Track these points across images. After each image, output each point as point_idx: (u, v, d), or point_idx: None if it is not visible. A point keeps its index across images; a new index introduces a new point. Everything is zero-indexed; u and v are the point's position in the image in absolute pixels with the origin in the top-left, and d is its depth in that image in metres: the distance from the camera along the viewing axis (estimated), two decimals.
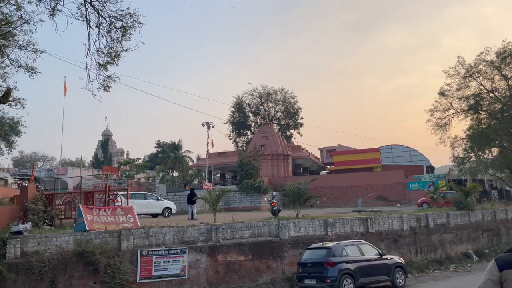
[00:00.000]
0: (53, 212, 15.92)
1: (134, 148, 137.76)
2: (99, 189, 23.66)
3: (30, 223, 14.22)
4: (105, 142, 70.69)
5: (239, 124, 58.50)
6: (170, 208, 23.79)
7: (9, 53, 11.83)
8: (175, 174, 64.71)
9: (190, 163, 61.25)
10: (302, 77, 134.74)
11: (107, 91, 11.81)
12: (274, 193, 28.44)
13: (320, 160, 60.25)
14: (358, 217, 17.87)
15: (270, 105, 60.25)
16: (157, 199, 24.02)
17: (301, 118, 58.86)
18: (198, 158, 61.82)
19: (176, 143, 62.22)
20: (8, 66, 12.03)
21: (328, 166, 58.47)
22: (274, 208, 20.66)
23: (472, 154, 36.27)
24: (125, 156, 73.73)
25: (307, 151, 54.36)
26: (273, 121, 58.91)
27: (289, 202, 19.89)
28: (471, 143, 35.19)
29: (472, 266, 18.74)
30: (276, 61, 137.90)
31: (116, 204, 15.99)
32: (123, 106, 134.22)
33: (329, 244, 13.80)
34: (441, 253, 19.56)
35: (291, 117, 58.90)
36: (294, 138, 59.64)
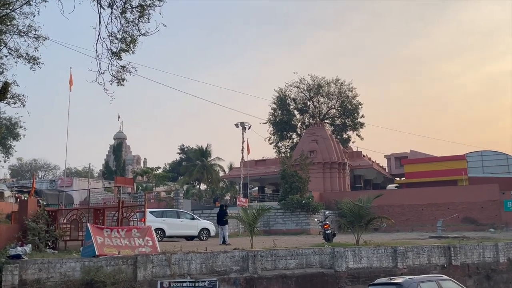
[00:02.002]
0: (57, 233, 16.55)
1: (152, 154, 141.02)
2: (111, 204, 24.42)
3: (30, 245, 14.85)
4: (118, 147, 72.79)
5: (281, 124, 58.53)
6: (208, 230, 24.57)
7: (7, 41, 12.45)
8: (203, 186, 65.66)
9: (221, 174, 61.96)
10: (362, 65, 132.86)
11: (121, 84, 12.14)
12: (327, 212, 28.15)
13: (386, 170, 59.15)
14: (437, 245, 17.44)
15: (322, 100, 59.92)
16: (193, 218, 24.93)
17: (362, 116, 58.14)
18: (231, 167, 62.37)
19: (204, 149, 63.15)
20: (6, 56, 12.69)
21: (398, 179, 57.33)
22: (327, 232, 20.48)
23: None
24: (141, 164, 75.70)
25: (369, 158, 53.49)
26: (326, 121, 58.49)
27: (347, 225, 19.63)
28: None
29: None
30: (329, 45, 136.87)
31: (133, 223, 16.39)
32: (139, 103, 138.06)
33: (399, 280, 13.45)
34: None
35: (348, 115, 58.25)
36: (353, 142, 58.97)
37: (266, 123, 59.32)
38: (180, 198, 33.88)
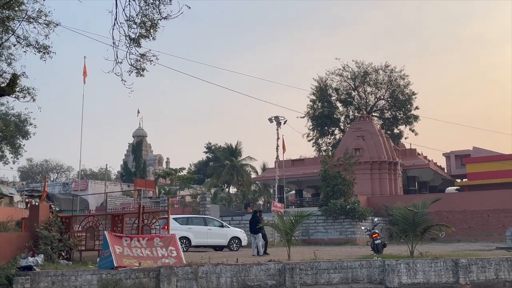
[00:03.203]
0: (71, 241, 16.94)
1: (176, 154, 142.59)
2: (131, 210, 24.89)
3: (42, 255, 15.24)
4: (138, 146, 73.96)
5: (322, 118, 58.32)
6: (238, 239, 24.81)
7: (15, 28, 12.80)
8: (232, 190, 66.03)
9: (253, 175, 62.21)
10: (414, 50, 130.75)
11: (141, 75, 12.32)
12: (375, 219, 27.85)
13: (445, 170, 58.25)
14: (506, 258, 17.12)
15: (369, 89, 59.50)
16: (222, 226, 25.22)
17: (416, 108, 57.46)
18: (264, 168, 62.55)
19: (233, 147, 63.51)
20: (15, 45, 13.04)
21: (458, 180, 56.46)
22: (377, 242, 20.25)
23: None
24: (163, 165, 76.69)
25: (425, 157, 52.80)
26: (373, 113, 57.97)
27: (399, 233, 19.41)
28: None
29: None
30: (377, 27, 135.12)
31: (155, 231, 16.60)
32: (160, 96, 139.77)
33: None
34: None
35: (400, 107, 57.59)
36: (406, 138, 58.37)
37: (304, 117, 59.29)
38: (207, 203, 34.13)
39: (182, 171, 60.26)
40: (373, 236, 20.70)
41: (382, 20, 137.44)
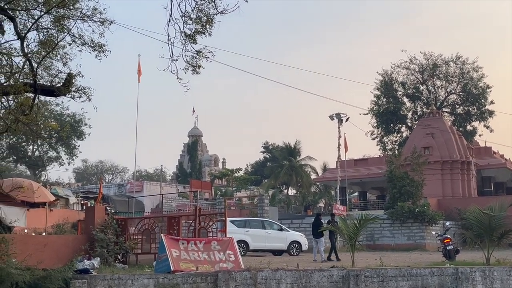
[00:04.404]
0: (127, 244, 17.47)
1: (232, 153, 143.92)
2: (187, 212, 25.33)
3: (98, 258, 15.81)
4: (193, 146, 75.17)
5: (387, 115, 57.61)
6: (299, 243, 24.87)
7: (70, 27, 13.28)
8: (291, 191, 66.03)
9: (313, 176, 62.03)
10: (489, 38, 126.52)
11: (197, 72, 12.52)
12: (447, 223, 27.37)
13: None
14: None
15: (438, 83, 58.42)
16: (281, 229, 25.33)
17: (491, 102, 56.10)
18: (325, 169, 62.24)
19: (292, 146, 63.46)
20: (70, 44, 13.50)
21: None
22: (449, 248, 19.85)
23: None
24: (219, 165, 77.63)
25: (502, 156, 51.28)
26: (444, 109, 56.76)
27: (473, 239, 18.99)
28: None
29: None
30: (447, 16, 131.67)
31: (212, 234, 16.83)
32: (216, 94, 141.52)
33: None
34: None
35: (473, 101, 56.25)
36: (480, 136, 57.06)
37: (367, 113, 58.79)
38: (265, 205, 34.33)
39: (238, 172, 60.85)
40: (445, 241, 20.29)
41: (453, 8, 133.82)
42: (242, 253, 20.29)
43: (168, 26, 11.69)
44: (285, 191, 65.99)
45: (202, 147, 77.54)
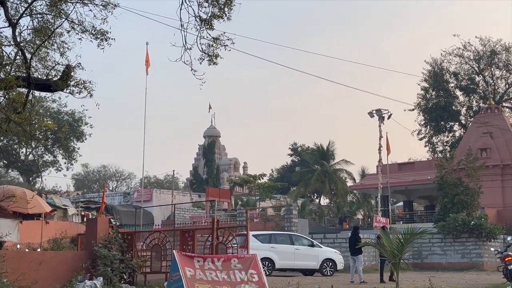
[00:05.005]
0: (134, 262, 17.47)
1: (254, 157, 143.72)
2: (203, 225, 25.36)
3: (101, 278, 15.84)
4: (209, 148, 75.29)
5: (437, 110, 57.16)
6: (333, 261, 24.67)
7: (68, 12, 13.30)
8: (324, 201, 65.79)
9: (349, 183, 61.76)
10: None
11: (214, 63, 12.48)
12: (508, 238, 26.90)
13: None
14: None
15: (497, 73, 57.84)
16: (312, 245, 25.22)
17: None
18: (363, 174, 61.92)
19: (325, 148, 63.30)
20: (68, 32, 13.51)
21: None
22: (510, 267, 19.54)
23: None
24: (240, 170, 77.67)
25: None
26: (504, 104, 56.09)
27: None
28: None
29: None
30: None
31: (231, 251, 16.77)
32: (236, 88, 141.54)
33: None
34: None
35: None
36: None
37: (413, 109, 58.40)
38: (294, 216, 34.23)
39: (262, 178, 60.64)
40: (506, 259, 20.01)
41: None
42: (267, 273, 20.24)
43: (180, 9, 11.73)
44: (317, 200, 65.80)
45: (220, 150, 77.64)
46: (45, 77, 13.63)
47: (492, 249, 28.30)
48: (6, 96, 13.17)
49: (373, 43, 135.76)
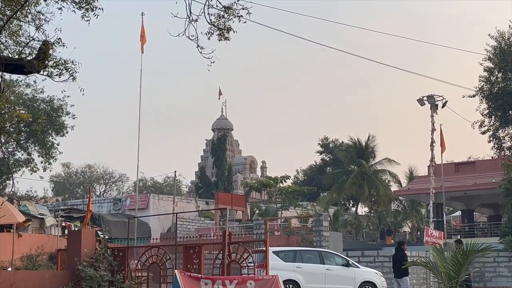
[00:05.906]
0: (126, 285, 17.54)
1: (275, 155, 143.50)
2: (211, 239, 25.34)
3: None
4: (220, 144, 75.20)
5: (504, 97, 56.57)
6: (373, 284, 24.61)
7: None
8: (362, 209, 65.68)
9: (394, 187, 61.66)
10: None
11: (226, 38, 12.45)
12: None
13: None
14: None
15: None
16: (347, 264, 25.12)
17: None
18: (411, 176, 61.72)
19: (363, 144, 63.06)
20: (45, 0, 13.53)
21: None
22: None
23: None
24: (257, 171, 77.54)
25: None
26: None
27: None
28: None
29: None
30: None
31: (247, 271, 16.81)
32: (252, 71, 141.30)
33: None
34: None
35: None
36: None
37: (474, 95, 57.73)
38: (324, 229, 34.22)
39: (285, 181, 60.52)
40: None
41: None
42: None
43: None
44: (353, 209, 65.70)
45: (232, 146, 77.44)
46: (17, 56, 13.61)
47: None
48: None
49: (420, 11, 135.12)
